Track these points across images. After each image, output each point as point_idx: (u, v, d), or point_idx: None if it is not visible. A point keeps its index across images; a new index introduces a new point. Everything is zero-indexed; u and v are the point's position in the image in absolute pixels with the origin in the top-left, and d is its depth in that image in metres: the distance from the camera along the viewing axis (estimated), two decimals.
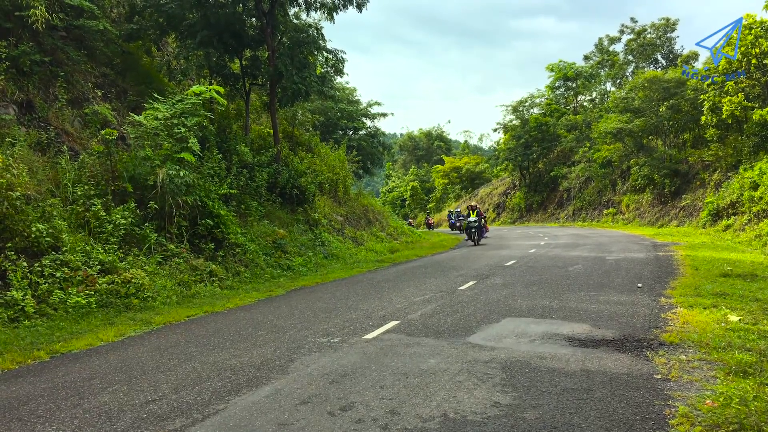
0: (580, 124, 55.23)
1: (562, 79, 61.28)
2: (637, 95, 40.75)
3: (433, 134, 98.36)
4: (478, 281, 14.24)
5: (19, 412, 5.73)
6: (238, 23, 20.40)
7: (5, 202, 10.52)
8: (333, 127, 40.88)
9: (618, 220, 44.65)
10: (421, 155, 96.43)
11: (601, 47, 60.52)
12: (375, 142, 46.14)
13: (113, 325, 9.83)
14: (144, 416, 5.45)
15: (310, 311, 10.96)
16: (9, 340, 8.52)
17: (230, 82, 22.56)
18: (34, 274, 10.35)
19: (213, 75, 22.28)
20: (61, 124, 15.02)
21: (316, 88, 22.57)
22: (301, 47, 21.42)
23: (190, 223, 14.82)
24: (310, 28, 22.26)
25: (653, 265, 16.22)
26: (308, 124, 33.00)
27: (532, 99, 62.97)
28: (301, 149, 27.89)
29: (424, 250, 26.73)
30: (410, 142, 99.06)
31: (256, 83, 23.21)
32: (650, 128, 40.15)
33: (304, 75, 21.04)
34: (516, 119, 62.42)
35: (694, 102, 35.87)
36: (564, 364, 6.73)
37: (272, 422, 5.18)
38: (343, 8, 21.60)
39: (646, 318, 9.20)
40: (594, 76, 59.71)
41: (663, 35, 54.56)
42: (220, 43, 20.05)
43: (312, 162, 26.27)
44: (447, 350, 7.55)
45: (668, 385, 5.93)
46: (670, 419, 5.04)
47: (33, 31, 14.97)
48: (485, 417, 5.16)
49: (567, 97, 64.25)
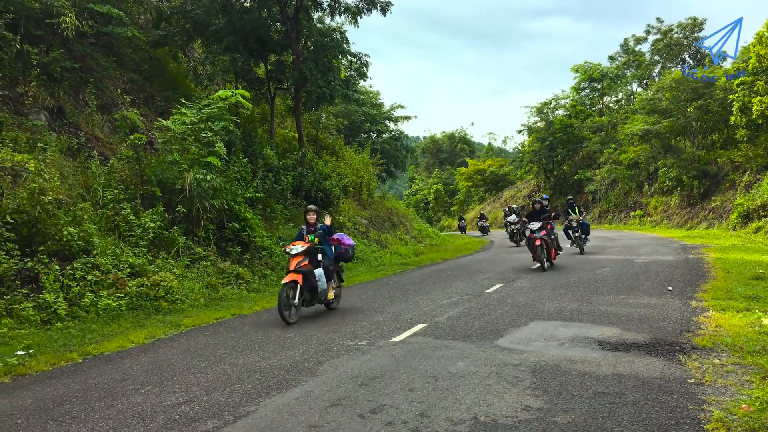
0: (605, 125, 54.64)
1: (587, 80, 60.68)
2: (665, 96, 40.19)
3: (456, 137, 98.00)
4: (505, 284, 14.15)
5: (54, 412, 5.82)
6: (263, 28, 20.56)
7: (38, 207, 10.70)
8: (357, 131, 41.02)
9: (645, 222, 44.05)
10: (444, 158, 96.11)
11: (626, 48, 59.80)
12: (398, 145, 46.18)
13: (143, 327, 9.95)
14: (176, 417, 5.51)
15: (336, 314, 10.99)
16: (42, 342, 8.67)
17: (255, 86, 22.73)
18: (66, 277, 10.52)
19: (238, 80, 22.49)
20: (91, 130, 15.26)
21: (340, 92, 22.63)
22: (326, 51, 21.50)
23: (217, 227, 14.97)
24: (334, 32, 22.32)
25: (683, 268, 15.98)
26: (332, 127, 33.11)
27: (557, 100, 62.44)
28: (326, 152, 27.99)
29: (449, 253, 26.62)
30: (433, 144, 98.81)
31: (281, 87, 23.35)
32: (678, 129, 39.56)
33: (328, 79, 21.11)
34: (540, 121, 61.93)
35: (723, 102, 35.28)
36: (595, 368, 6.66)
37: (303, 424, 5.20)
38: (367, 12, 21.62)
39: (677, 321, 9.07)
40: (620, 77, 59.01)
41: (690, 35, 53.77)
42: (245, 48, 20.22)
43: (336, 165, 26.35)
44: (475, 353, 7.52)
45: (702, 390, 5.83)
46: (705, 424, 4.96)
47: (63, 38, 15.24)
48: (516, 421, 5.12)
49: (592, 98, 63.58)
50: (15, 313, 9.38)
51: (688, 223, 37.57)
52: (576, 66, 61.11)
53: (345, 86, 22.98)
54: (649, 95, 43.88)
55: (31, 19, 14.48)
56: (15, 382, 7.05)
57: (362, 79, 25.27)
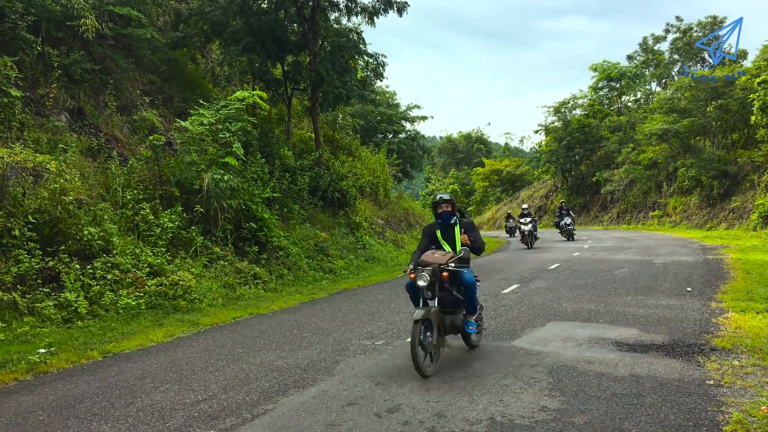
0: (624, 125, 54.20)
1: (605, 79, 60.24)
2: (684, 95, 39.79)
3: (472, 137, 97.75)
4: (522, 285, 14.11)
5: (75, 410, 5.91)
6: (280, 29, 20.67)
7: (59, 207, 10.85)
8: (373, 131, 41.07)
9: (664, 222, 43.64)
10: (461, 158, 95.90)
11: (645, 46, 59.29)
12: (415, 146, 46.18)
13: (162, 326, 10.06)
14: (195, 415, 5.57)
15: (353, 314, 11.03)
16: (63, 340, 8.80)
17: (272, 87, 22.87)
18: (86, 276, 10.65)
19: (256, 80, 22.63)
20: (110, 131, 15.44)
21: (357, 93, 22.70)
22: (342, 52, 21.57)
23: (234, 227, 15.08)
24: (351, 32, 22.40)
25: (702, 269, 15.82)
26: (349, 127, 33.22)
27: (575, 100, 62.05)
28: (342, 153, 28.07)
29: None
30: (449, 144, 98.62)
31: (298, 88, 23.45)
32: (697, 129, 39.13)
33: (345, 79, 21.18)
34: (558, 121, 61.59)
35: (743, 101, 34.86)
36: (612, 369, 6.63)
37: (320, 423, 5.24)
38: (384, 12, 21.67)
39: (696, 323, 8.99)
40: (639, 76, 58.50)
41: (710, 33, 53.19)
42: (262, 49, 20.35)
43: (353, 165, 26.42)
44: (492, 354, 7.51)
45: (721, 391, 5.79)
46: (724, 426, 4.92)
47: (83, 40, 15.43)
48: (533, 421, 5.12)
49: (611, 97, 63.09)
50: (37, 311, 9.52)
51: (708, 223, 37.17)
52: (594, 65, 60.68)
53: (361, 87, 23.06)
54: (668, 94, 43.48)
55: (52, 21, 14.68)
56: (37, 379, 7.16)
57: (379, 80, 25.37)
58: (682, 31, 54.38)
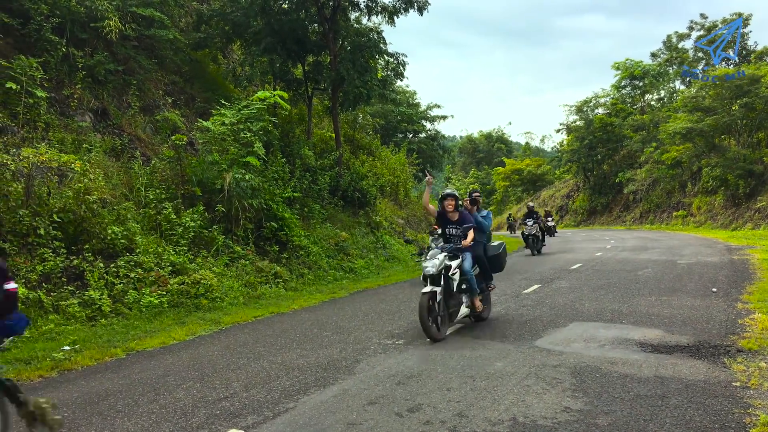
0: (647, 124, 53.58)
1: (628, 77, 59.63)
2: (708, 93, 39.24)
3: (493, 136, 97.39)
4: (543, 285, 14.00)
5: (99, 406, 5.97)
6: (300, 29, 20.73)
7: (83, 206, 10.98)
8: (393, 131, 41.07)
9: (688, 222, 43.09)
10: (481, 157, 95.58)
11: (669, 44, 58.58)
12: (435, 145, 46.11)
13: (184, 324, 10.13)
14: (217, 413, 5.60)
15: (373, 313, 11.02)
16: (87, 338, 8.90)
17: (293, 87, 22.94)
18: (110, 275, 10.77)
19: (276, 81, 22.73)
20: (133, 131, 15.61)
21: (377, 92, 22.70)
22: (362, 51, 21.56)
23: (255, 226, 15.16)
24: (371, 32, 22.39)
25: (728, 269, 15.58)
26: (369, 127, 33.24)
27: (597, 99, 61.57)
28: (362, 152, 28.11)
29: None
30: (470, 144, 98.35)
31: (318, 88, 23.51)
32: (722, 127, 38.56)
33: (365, 79, 21.17)
34: (580, 120, 61.10)
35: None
36: (636, 370, 6.54)
37: (341, 422, 5.23)
38: (404, 12, 21.62)
39: (722, 324, 8.84)
40: (662, 74, 57.80)
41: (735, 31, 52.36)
42: (283, 49, 20.43)
43: (373, 165, 26.44)
44: (514, 354, 7.45)
45: (748, 393, 5.68)
46: (751, 428, 4.83)
47: (107, 41, 15.61)
48: (556, 422, 5.06)
49: (634, 96, 62.43)
50: (61, 309, 9.64)
51: (733, 223, 36.61)
52: (617, 63, 60.15)
53: (382, 86, 23.07)
54: (691, 93, 42.92)
55: (76, 22, 14.87)
56: (61, 376, 7.25)
57: (399, 79, 25.33)
58: (707, 28, 53.61)
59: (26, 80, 12.42)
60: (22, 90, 12.35)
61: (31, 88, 12.56)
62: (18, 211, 10.11)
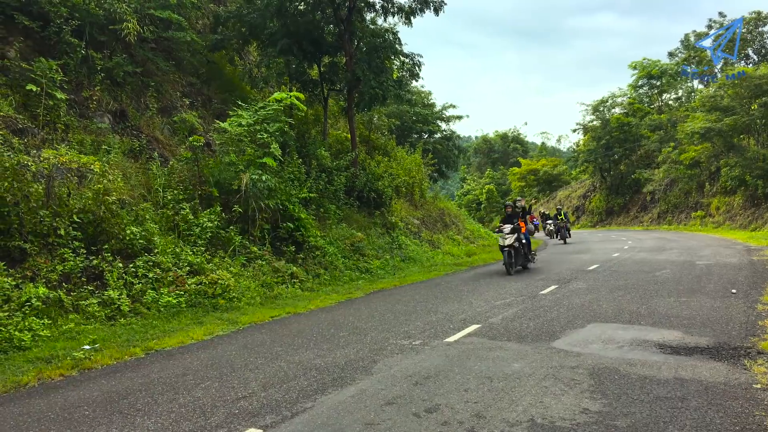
0: (664, 123, 53.10)
1: (645, 77, 59.13)
2: (726, 93, 38.80)
3: (508, 136, 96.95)
4: (560, 285, 13.93)
5: (119, 405, 6.03)
6: (316, 30, 20.80)
7: (102, 206, 11.09)
8: (408, 131, 40.99)
9: (707, 223, 42.63)
10: (497, 158, 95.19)
11: (687, 43, 58.01)
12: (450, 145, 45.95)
13: (202, 324, 10.20)
14: (236, 412, 5.63)
15: (390, 313, 11.03)
16: (107, 337, 8.99)
17: (309, 88, 23.00)
18: (128, 275, 10.87)
19: (293, 82, 22.81)
20: (151, 132, 15.74)
21: (392, 93, 22.70)
22: (378, 52, 21.58)
23: (271, 227, 15.22)
24: (387, 32, 22.39)
25: (747, 270, 15.40)
26: (384, 128, 33.22)
27: (613, 98, 61.10)
28: (378, 153, 28.11)
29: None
30: (485, 144, 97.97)
31: (334, 89, 23.56)
32: (741, 127, 38.11)
33: (381, 80, 21.18)
34: (596, 119, 60.69)
35: None
36: (655, 372, 6.49)
37: (359, 422, 5.24)
38: (420, 12, 21.58)
39: (742, 325, 8.75)
40: (680, 73, 57.27)
41: (754, 29, 51.73)
42: (299, 50, 20.50)
43: (388, 166, 26.42)
44: (531, 355, 7.42)
45: None
46: None
47: (125, 43, 15.77)
48: (574, 423, 5.04)
49: (651, 95, 61.91)
50: (81, 308, 9.74)
51: (753, 224, 36.16)
52: (634, 63, 59.79)
53: (397, 87, 23.03)
54: (710, 92, 42.46)
55: (95, 25, 15.02)
56: (82, 375, 7.33)
57: (414, 80, 25.34)
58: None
59: (46, 82, 12.58)
60: (42, 92, 12.51)
61: (51, 90, 12.71)
62: (39, 212, 10.24)
